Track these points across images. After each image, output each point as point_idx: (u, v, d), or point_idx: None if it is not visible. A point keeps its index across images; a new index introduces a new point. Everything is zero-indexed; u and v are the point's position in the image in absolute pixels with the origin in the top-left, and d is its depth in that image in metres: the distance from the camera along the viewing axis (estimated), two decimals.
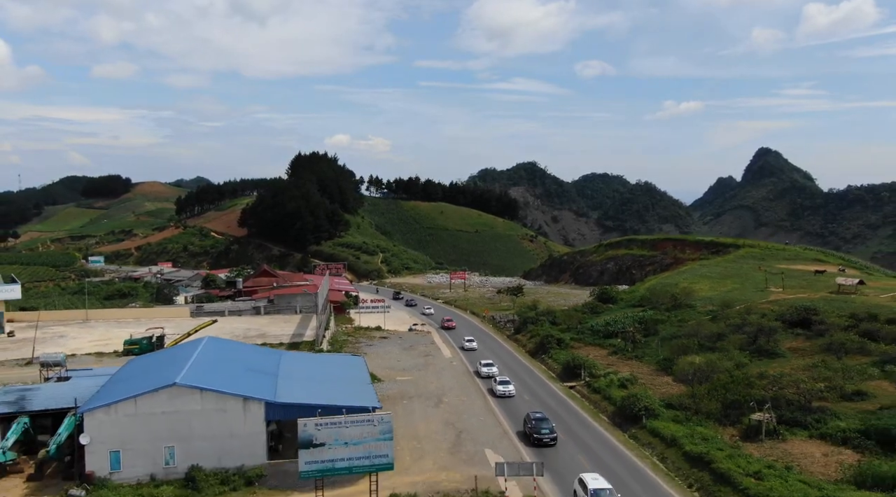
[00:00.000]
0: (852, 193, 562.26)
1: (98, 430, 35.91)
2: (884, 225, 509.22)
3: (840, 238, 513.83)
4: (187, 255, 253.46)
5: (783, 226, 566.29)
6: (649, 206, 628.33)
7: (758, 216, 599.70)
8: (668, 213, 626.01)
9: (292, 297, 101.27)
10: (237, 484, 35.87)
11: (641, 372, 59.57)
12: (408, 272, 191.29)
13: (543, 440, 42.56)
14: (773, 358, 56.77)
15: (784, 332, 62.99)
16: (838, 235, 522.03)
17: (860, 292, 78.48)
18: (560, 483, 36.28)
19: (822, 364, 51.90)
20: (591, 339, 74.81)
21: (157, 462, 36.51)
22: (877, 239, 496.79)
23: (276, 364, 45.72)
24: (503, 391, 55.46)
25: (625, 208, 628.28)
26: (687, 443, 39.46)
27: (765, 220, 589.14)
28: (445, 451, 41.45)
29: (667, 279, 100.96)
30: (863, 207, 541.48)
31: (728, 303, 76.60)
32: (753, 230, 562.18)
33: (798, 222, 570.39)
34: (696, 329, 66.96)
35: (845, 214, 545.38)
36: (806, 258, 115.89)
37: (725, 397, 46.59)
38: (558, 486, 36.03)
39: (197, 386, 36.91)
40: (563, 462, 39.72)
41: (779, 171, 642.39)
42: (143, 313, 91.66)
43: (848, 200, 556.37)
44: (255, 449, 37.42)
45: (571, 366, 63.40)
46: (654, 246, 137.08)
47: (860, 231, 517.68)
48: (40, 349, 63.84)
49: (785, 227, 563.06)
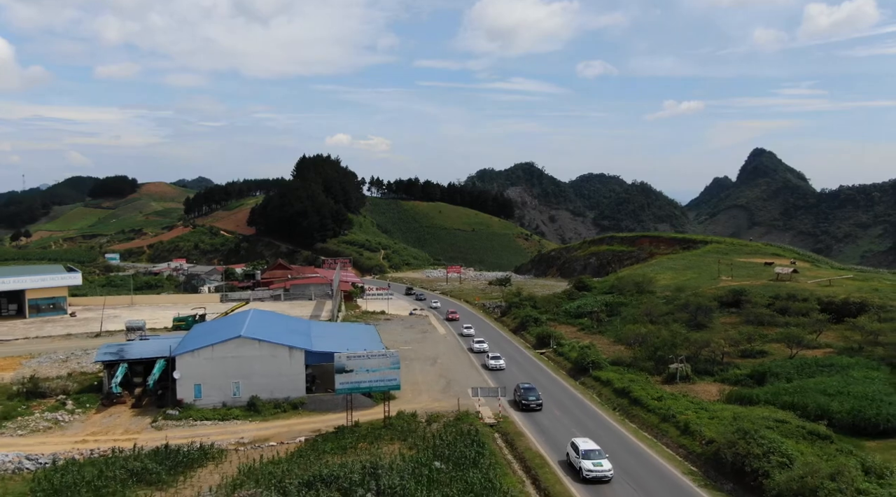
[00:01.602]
0: (844, 193, 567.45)
1: (186, 369, 49.47)
2: (874, 224, 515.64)
3: (832, 237, 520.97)
4: (198, 253, 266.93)
5: (776, 225, 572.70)
6: (645, 206, 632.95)
7: (751, 216, 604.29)
8: (663, 212, 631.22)
9: (306, 287, 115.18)
10: (286, 408, 49.42)
11: (601, 342, 73.07)
12: (408, 267, 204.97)
13: (531, 406, 48.79)
14: (704, 329, 70.27)
15: (719, 311, 76.57)
16: (830, 235, 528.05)
17: (794, 279, 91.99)
18: (530, 416, 48.81)
19: (737, 332, 65.38)
20: (565, 319, 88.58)
21: (227, 393, 50.05)
22: (867, 238, 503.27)
23: (308, 328, 59.36)
24: (495, 365, 63.37)
25: (621, 208, 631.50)
26: (616, 382, 53.15)
27: (758, 220, 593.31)
28: (438, 391, 54.95)
29: (636, 270, 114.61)
30: (854, 207, 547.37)
31: (681, 289, 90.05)
32: (747, 229, 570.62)
33: (791, 222, 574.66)
34: (649, 309, 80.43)
35: (837, 214, 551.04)
36: (765, 253, 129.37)
37: (656, 355, 60.12)
38: (528, 418, 48.46)
39: (256, 337, 50.53)
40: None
41: (772, 172, 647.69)
42: (179, 299, 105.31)
43: (840, 200, 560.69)
44: (297, 385, 50.99)
45: (543, 338, 77.08)
46: (632, 242, 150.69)
47: (851, 230, 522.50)
48: (105, 326, 77.55)
49: (778, 226, 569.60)
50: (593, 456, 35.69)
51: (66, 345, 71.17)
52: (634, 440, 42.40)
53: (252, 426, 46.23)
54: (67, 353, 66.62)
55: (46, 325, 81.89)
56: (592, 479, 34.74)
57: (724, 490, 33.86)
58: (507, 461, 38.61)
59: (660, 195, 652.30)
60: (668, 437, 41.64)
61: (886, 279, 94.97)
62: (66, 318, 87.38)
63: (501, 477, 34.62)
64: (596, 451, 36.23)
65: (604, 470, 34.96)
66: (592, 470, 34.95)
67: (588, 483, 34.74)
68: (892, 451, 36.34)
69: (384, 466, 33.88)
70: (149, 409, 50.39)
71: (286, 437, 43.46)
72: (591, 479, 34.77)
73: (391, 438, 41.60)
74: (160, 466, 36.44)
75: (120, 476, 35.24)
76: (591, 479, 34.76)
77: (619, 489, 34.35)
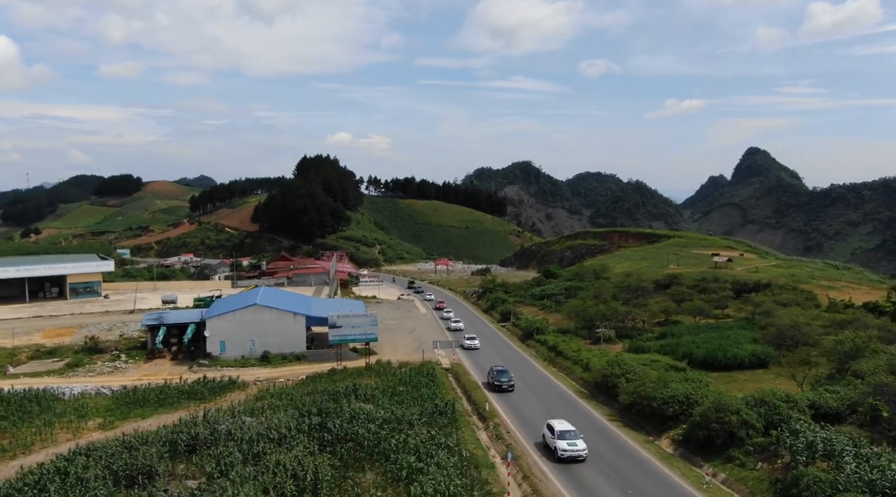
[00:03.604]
0: (835, 192, 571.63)
1: (213, 329, 63.94)
2: (864, 222, 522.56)
3: (822, 235, 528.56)
4: (205, 248, 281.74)
5: (769, 223, 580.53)
6: (640, 204, 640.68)
7: (745, 214, 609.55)
8: (658, 210, 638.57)
9: (306, 276, 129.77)
10: (291, 359, 63.87)
11: (554, 317, 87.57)
12: (401, 261, 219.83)
13: (503, 387, 51.19)
14: (641, 307, 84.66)
15: (655, 292, 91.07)
16: (821, 232, 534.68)
17: (729, 267, 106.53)
18: (474, 360, 63.49)
19: (657, 306, 79.82)
20: (530, 301, 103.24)
21: (245, 348, 64.45)
22: (857, 236, 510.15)
23: (308, 301, 73.97)
24: (469, 344, 69.62)
25: (616, 206, 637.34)
26: (551, 342, 67.77)
27: (751, 218, 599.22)
28: (411, 350, 69.20)
29: (599, 261, 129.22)
30: (845, 205, 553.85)
31: (630, 275, 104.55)
32: (740, 227, 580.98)
33: (783, 220, 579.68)
34: (599, 291, 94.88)
35: (828, 212, 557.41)
36: (719, 246, 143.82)
37: (589, 323, 74.57)
38: (472, 361, 63.10)
39: (268, 305, 65.03)
40: (486, 359, 67.45)
41: (766, 170, 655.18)
42: (196, 285, 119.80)
43: (831, 199, 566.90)
44: (300, 342, 65.45)
45: (506, 314, 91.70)
46: (604, 237, 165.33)
47: (841, 228, 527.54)
48: (137, 306, 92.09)
49: (770, 224, 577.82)
50: (568, 437, 36.08)
51: (107, 319, 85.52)
52: (549, 376, 57.10)
53: (265, 371, 60.69)
54: (110, 324, 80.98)
55: (86, 305, 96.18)
56: (567, 459, 35.23)
57: (597, 400, 48.44)
58: (452, 387, 53.10)
59: (655, 193, 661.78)
60: (574, 374, 56.23)
61: (808, 267, 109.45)
62: (101, 299, 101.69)
63: (444, 392, 49.04)
64: (571, 431, 36.63)
65: (578, 449, 35.38)
66: (567, 450, 35.36)
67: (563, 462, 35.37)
68: (727, 376, 50.68)
69: (362, 386, 48.33)
70: (184, 361, 64.81)
71: (291, 376, 57.95)
72: (566, 458, 35.23)
73: (369, 376, 56.01)
74: (204, 388, 50.95)
75: (175, 393, 49.75)
76: (566, 459, 35.25)
77: (523, 399, 48.71)
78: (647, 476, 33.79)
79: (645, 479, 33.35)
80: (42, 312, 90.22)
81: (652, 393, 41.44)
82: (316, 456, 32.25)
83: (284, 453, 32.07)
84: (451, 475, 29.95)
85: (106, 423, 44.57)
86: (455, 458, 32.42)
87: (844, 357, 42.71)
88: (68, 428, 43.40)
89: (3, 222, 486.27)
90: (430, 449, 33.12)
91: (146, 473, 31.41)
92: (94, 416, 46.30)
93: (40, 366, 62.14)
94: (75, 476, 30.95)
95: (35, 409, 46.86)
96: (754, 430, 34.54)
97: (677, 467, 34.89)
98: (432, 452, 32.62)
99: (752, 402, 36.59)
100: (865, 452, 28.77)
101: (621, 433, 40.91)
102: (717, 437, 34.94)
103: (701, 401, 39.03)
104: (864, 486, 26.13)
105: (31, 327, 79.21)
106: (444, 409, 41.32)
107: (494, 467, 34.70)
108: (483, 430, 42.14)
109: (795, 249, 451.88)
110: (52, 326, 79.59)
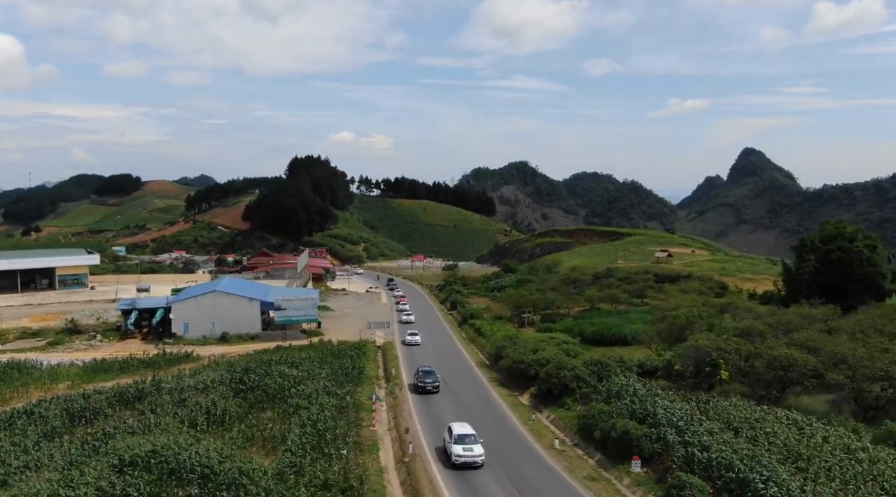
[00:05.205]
0: (828, 192, 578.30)
1: (178, 313, 72.67)
2: (856, 222, 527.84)
3: None
4: (198, 246, 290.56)
5: (762, 223, 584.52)
6: (635, 204, 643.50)
7: (739, 214, 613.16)
8: (653, 210, 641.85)
9: (283, 270, 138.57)
10: (246, 339, 72.47)
11: (497, 306, 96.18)
12: (384, 258, 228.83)
13: (427, 389, 48.68)
14: (572, 296, 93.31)
15: (592, 283, 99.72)
16: (812, 232, 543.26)
17: (668, 261, 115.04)
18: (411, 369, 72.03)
19: (583, 297, 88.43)
20: (483, 292, 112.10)
21: (205, 329, 73.04)
22: None
23: (266, 289, 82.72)
24: (411, 341, 69.80)
25: (611, 206, 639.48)
26: (479, 325, 76.48)
27: (745, 218, 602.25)
28: (355, 331, 78.02)
29: (556, 257, 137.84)
30: (837, 205, 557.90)
31: (576, 269, 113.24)
32: (735, 227, 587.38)
33: (776, 220, 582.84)
34: (542, 283, 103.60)
35: (821, 212, 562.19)
36: (675, 243, 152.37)
37: (519, 308, 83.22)
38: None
39: (227, 292, 73.75)
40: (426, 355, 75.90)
41: (760, 170, 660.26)
42: (178, 278, 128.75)
43: (823, 199, 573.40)
44: (254, 325, 74.12)
45: (455, 303, 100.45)
46: (571, 235, 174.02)
47: None
48: (119, 296, 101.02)
49: (764, 223, 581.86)
50: (467, 441, 34.50)
51: (90, 306, 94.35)
52: (464, 351, 65.88)
53: (221, 348, 69.25)
54: (92, 311, 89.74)
55: (73, 295, 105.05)
56: (461, 466, 33.63)
57: (491, 368, 57.16)
58: (377, 361, 61.74)
59: (650, 193, 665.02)
60: (485, 350, 64.92)
61: (741, 261, 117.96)
62: (87, 290, 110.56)
63: (366, 364, 57.65)
64: (471, 435, 35.07)
65: (474, 455, 33.85)
66: (462, 455, 33.81)
67: (458, 469, 33.70)
68: (607, 350, 59.07)
69: (295, 356, 56.99)
70: (152, 341, 73.39)
71: (242, 352, 66.60)
72: (460, 464, 33.67)
73: (309, 351, 64.66)
74: (161, 360, 59.72)
75: (137, 364, 58.49)
76: (459, 465, 33.65)
77: (431, 363, 57.19)
78: (497, 422, 42.22)
79: (494, 424, 41.54)
80: (32, 301, 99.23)
81: (522, 357, 50.07)
82: (229, 399, 41.08)
83: (203, 397, 40.86)
84: (329, 413, 38.67)
85: (73, 385, 53.24)
86: (336, 402, 41.15)
87: (679, 329, 51.27)
88: (41, 388, 52.08)
89: (4, 221, 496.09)
90: (320, 397, 41.83)
91: (95, 413, 40.31)
92: (65, 380, 54.98)
93: (25, 344, 71.01)
94: (38, 414, 39.94)
95: (15, 374, 55.54)
96: (585, 383, 43.12)
97: (521, 413, 43.56)
98: (321, 399, 41.31)
99: (590, 362, 45.25)
100: (641, 393, 37.41)
101: (495, 392, 49.55)
102: (555, 389, 43.56)
103: (566, 363, 47.60)
104: (628, 414, 34.80)
105: (21, 313, 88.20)
106: (352, 372, 50.01)
107: (375, 411, 43.34)
108: (384, 389, 50.82)
109: (788, 249, 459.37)
110: (39, 313, 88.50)
